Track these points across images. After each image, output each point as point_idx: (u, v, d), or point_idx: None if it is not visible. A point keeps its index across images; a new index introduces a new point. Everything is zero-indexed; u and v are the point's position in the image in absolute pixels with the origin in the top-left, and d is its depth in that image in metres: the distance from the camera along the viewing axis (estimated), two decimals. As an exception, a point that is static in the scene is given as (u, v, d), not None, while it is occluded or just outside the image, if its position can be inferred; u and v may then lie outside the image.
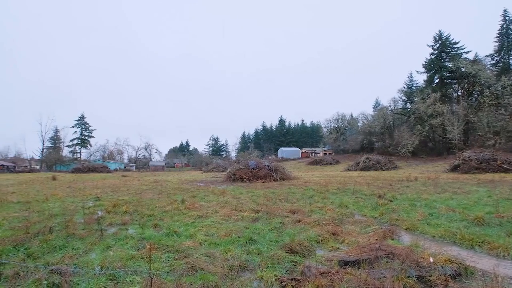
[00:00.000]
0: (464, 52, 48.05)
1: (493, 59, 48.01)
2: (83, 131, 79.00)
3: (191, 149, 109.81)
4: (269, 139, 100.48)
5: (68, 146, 77.27)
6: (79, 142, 78.17)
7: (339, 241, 4.73)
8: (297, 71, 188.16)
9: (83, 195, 11.83)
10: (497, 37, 47.34)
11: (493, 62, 47.98)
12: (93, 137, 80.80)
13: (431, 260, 3.28)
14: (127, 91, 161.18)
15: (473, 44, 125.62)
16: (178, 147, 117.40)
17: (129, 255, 3.97)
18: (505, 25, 46.58)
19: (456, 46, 48.86)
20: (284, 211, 7.18)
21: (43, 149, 70.02)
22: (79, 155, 77.87)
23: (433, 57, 50.60)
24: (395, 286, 2.75)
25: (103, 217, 6.80)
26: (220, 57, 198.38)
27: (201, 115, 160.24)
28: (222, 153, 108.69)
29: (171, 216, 6.89)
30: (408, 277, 2.99)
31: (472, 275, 3.26)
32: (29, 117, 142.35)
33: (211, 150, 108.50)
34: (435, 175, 21.56)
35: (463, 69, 43.44)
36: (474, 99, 45.36)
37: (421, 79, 70.66)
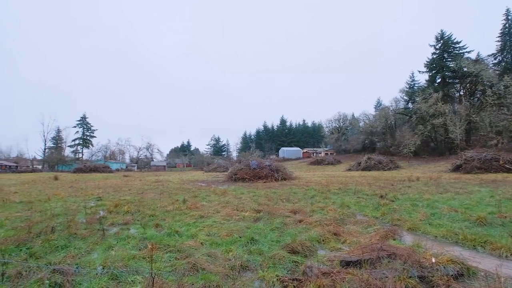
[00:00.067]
0: (466, 51, 47.94)
1: (495, 59, 47.81)
2: (85, 131, 79.47)
3: (192, 149, 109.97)
4: (271, 139, 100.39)
5: (70, 146, 77.90)
6: (81, 142, 78.61)
7: (341, 241, 4.73)
8: (297, 71, 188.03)
9: (85, 195, 11.88)
10: (499, 37, 47.13)
11: (495, 61, 47.81)
12: (95, 137, 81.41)
13: (433, 260, 3.27)
14: (127, 91, 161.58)
15: (473, 44, 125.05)
16: (179, 147, 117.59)
17: (130, 255, 3.98)
18: (507, 25, 46.34)
19: (458, 45, 48.71)
20: (285, 211, 7.16)
21: (45, 149, 70.49)
22: (81, 155, 78.35)
23: (435, 56, 50.43)
24: (397, 286, 2.74)
25: (105, 217, 6.83)
26: (220, 57, 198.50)
27: (202, 115, 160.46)
28: (223, 153, 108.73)
29: (173, 216, 6.90)
30: (410, 277, 2.98)
31: (474, 275, 3.25)
32: (29, 117, 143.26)
33: (212, 150, 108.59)
34: (437, 175, 21.47)
35: (465, 69, 43.27)
36: (476, 99, 45.16)
37: (422, 78, 70.70)
